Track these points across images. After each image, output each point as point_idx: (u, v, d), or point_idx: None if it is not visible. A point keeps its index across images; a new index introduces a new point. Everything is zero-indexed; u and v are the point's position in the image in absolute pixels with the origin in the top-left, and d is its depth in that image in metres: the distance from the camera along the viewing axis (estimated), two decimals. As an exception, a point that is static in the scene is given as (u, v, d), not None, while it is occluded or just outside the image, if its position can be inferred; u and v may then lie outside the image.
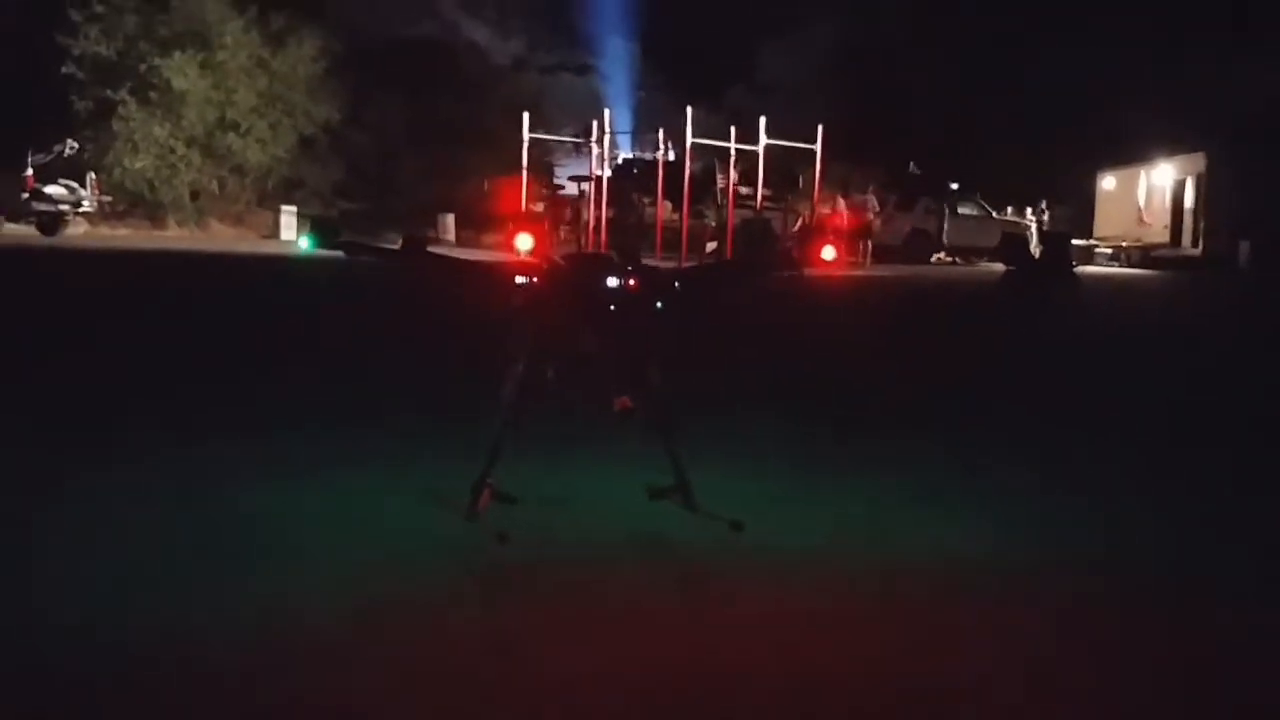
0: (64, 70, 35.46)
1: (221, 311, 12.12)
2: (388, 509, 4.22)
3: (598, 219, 31.46)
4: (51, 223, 30.34)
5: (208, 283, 17.82)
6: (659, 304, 3.97)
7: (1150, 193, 35.67)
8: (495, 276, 3.90)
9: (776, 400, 7.20)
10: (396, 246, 4.20)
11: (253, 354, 8.52)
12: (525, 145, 30.85)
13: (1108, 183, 38.22)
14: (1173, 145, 34.10)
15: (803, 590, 3.57)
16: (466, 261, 4.32)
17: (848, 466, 5.31)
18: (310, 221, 4.07)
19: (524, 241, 3.78)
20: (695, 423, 4.73)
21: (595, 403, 3.91)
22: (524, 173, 30.90)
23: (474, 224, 35.20)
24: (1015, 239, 28.18)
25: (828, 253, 4.02)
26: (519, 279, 3.87)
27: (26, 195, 29.40)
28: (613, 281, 3.88)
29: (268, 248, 29.36)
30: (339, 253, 4.17)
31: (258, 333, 9.85)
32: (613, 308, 3.88)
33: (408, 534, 3.92)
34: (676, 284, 4.02)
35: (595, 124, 31.92)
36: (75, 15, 35.64)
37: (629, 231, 34.59)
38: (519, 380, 3.89)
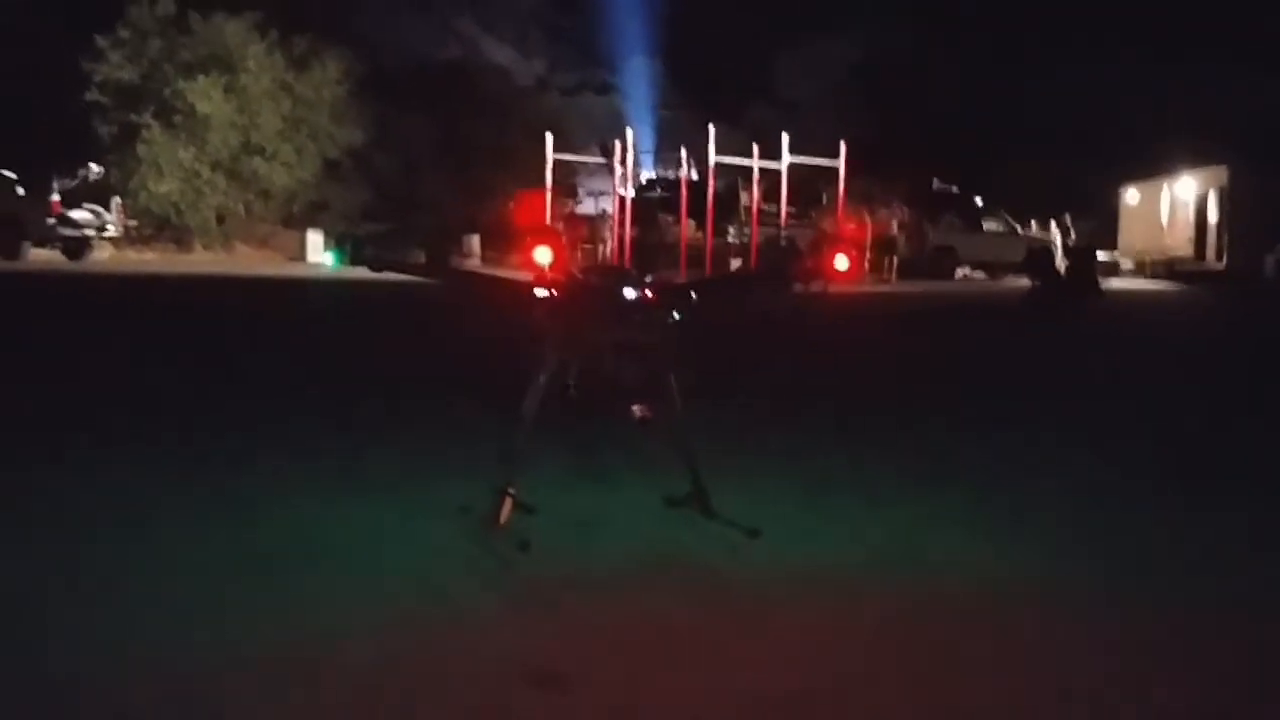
0: (89, 96, 35.72)
1: (246, 331, 12.18)
2: (416, 525, 4.24)
3: (620, 238, 31.53)
4: (77, 247, 30.54)
5: (233, 305, 17.89)
6: (676, 314, 3.97)
7: (1174, 206, 35.53)
8: (515, 290, 3.90)
9: (787, 411, 7.19)
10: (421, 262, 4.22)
11: (277, 372, 8.57)
12: (549, 165, 30.96)
13: (1131, 196, 38.09)
14: (1195, 158, 33.97)
15: (829, 606, 3.58)
16: (488, 276, 4.34)
17: (861, 478, 5.32)
18: (337, 238, 4.09)
19: (543, 255, 3.76)
20: (711, 430, 4.72)
21: (614, 412, 3.90)
22: (548, 191, 31.01)
23: (499, 244, 35.32)
24: (1040, 253, 28.07)
25: (840, 262, 3.98)
26: (538, 292, 3.89)
27: (52, 220, 29.56)
28: (630, 293, 3.89)
29: (294, 270, 29.51)
30: (364, 268, 4.20)
31: (282, 350, 9.90)
32: (631, 318, 3.89)
33: (435, 550, 3.93)
34: (693, 294, 4.03)
35: (618, 143, 32.00)
36: (100, 41, 35.94)
37: (652, 250, 34.71)
38: (540, 392, 3.91)
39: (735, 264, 28.87)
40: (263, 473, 5.04)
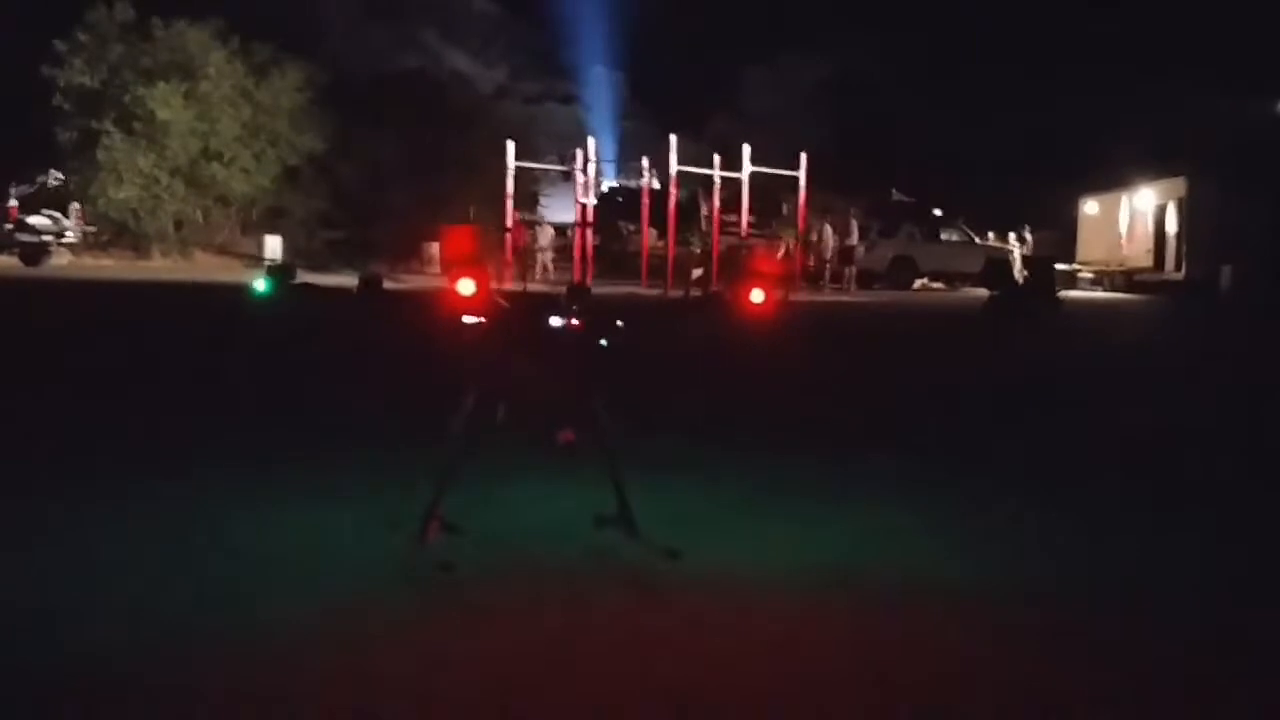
0: (54, 102, 35.40)
1: (185, 340, 12.09)
2: (346, 539, 4.24)
3: (581, 247, 31.50)
4: (35, 253, 30.28)
5: (175, 313, 17.78)
6: (603, 342, 4.03)
7: (1133, 217, 35.84)
8: (445, 313, 3.94)
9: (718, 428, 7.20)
10: (354, 285, 4.25)
11: (213, 386, 8.52)
12: (511, 174, 30.88)
13: (1090, 207, 38.40)
14: (1154, 170, 34.30)
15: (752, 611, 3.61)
16: (420, 299, 4.39)
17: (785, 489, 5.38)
18: (268, 267, 4.16)
19: (466, 286, 3.83)
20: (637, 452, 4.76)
21: (541, 437, 3.96)
22: (509, 200, 30.92)
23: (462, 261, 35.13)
24: (999, 264, 28.25)
25: (756, 295, 4.07)
26: (467, 319, 3.93)
27: (10, 226, 29.33)
28: (556, 321, 3.97)
29: (249, 277, 29.27)
30: (294, 296, 4.26)
31: (219, 364, 9.83)
32: (556, 346, 3.98)
33: (367, 565, 3.94)
34: (619, 323, 4.10)
35: (579, 152, 31.97)
36: (60, 45, 35.63)
37: (615, 259, 34.74)
38: (468, 415, 3.97)
39: (697, 273, 28.85)
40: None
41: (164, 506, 4.61)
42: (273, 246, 33.97)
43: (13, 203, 29.51)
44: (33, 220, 30.11)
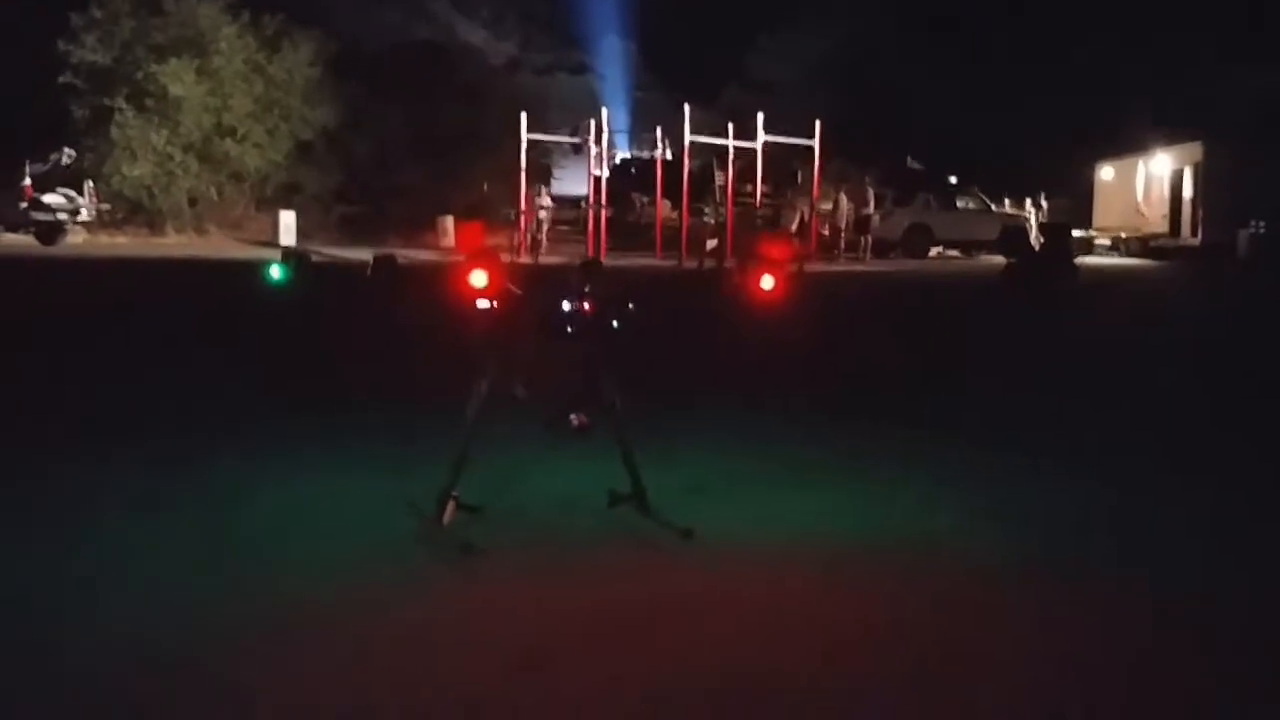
0: (62, 79, 35.39)
1: (201, 319, 12.12)
2: (363, 519, 4.28)
3: (596, 219, 31.48)
4: (50, 232, 30.36)
5: (192, 292, 17.84)
6: (615, 324, 4.05)
7: (1149, 182, 35.66)
8: (459, 300, 3.97)
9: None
10: (369, 264, 4.28)
11: (229, 364, 8.56)
12: (524, 147, 30.85)
13: (1106, 173, 38.22)
14: (1170, 135, 34.08)
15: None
16: (430, 274, 4.42)
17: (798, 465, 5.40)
18: (283, 253, 4.20)
19: (479, 278, 3.87)
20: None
21: (554, 421, 4.00)
22: (522, 174, 30.90)
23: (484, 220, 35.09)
24: (1015, 231, 28.14)
25: (766, 282, 4.10)
26: (480, 303, 3.96)
27: (25, 205, 29.37)
28: (567, 305, 3.99)
29: (265, 253, 29.37)
30: (308, 281, 4.28)
31: (237, 340, 9.88)
32: (569, 330, 4.01)
33: (393, 543, 3.97)
34: (631, 305, 4.12)
35: (592, 123, 31.89)
36: (75, 20, 35.60)
37: (629, 230, 34.65)
38: (482, 399, 4.01)
39: (711, 243, 28.78)
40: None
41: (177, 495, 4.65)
42: (287, 223, 34.03)
43: (27, 181, 29.54)
44: (48, 199, 30.17)
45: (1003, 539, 4.26)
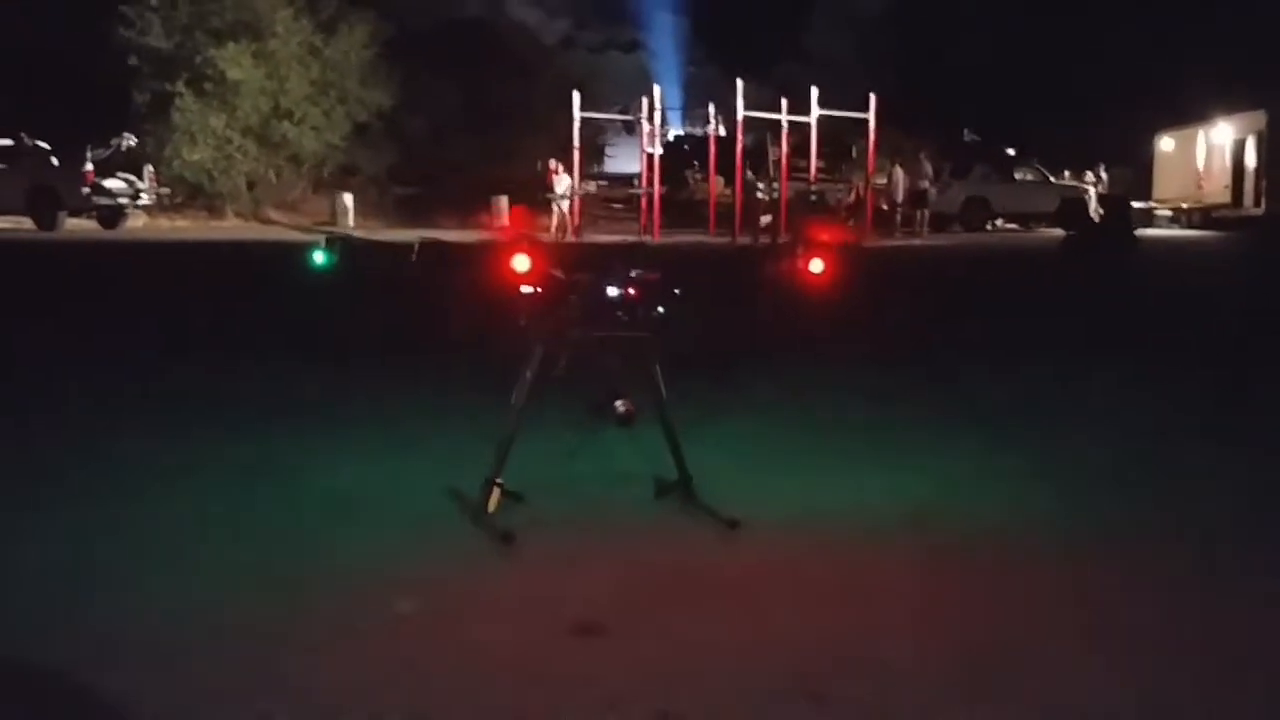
0: (130, 63, 35.84)
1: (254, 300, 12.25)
2: (408, 504, 4.32)
3: (649, 197, 31.47)
4: (112, 216, 30.85)
5: (249, 273, 18.00)
6: (660, 310, 4.02)
7: (1210, 153, 35.08)
8: (502, 286, 3.96)
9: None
10: (414, 247, 4.22)
11: (266, 343, 8.66)
12: (576, 125, 30.87)
13: (1166, 144, 37.65)
14: (1232, 104, 33.48)
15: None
16: (480, 264, 4.36)
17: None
18: (326, 238, 4.16)
19: (521, 262, 3.85)
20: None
21: (600, 407, 3.97)
22: (575, 153, 30.92)
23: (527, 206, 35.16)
24: (1074, 203, 27.84)
25: (815, 265, 4.03)
26: (524, 289, 3.94)
27: (87, 190, 29.79)
28: (613, 291, 3.96)
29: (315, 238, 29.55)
30: (352, 263, 4.27)
31: (279, 322, 9.99)
32: (614, 315, 3.97)
33: (437, 527, 4.03)
34: (677, 291, 4.08)
35: (644, 101, 31.86)
36: (131, 10, 36.03)
37: (681, 207, 34.54)
38: (527, 386, 3.99)
39: (765, 219, 28.72)
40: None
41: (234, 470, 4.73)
42: (347, 205, 34.36)
43: (89, 167, 29.95)
44: (109, 184, 30.59)
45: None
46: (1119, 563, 3.70)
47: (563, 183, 31.01)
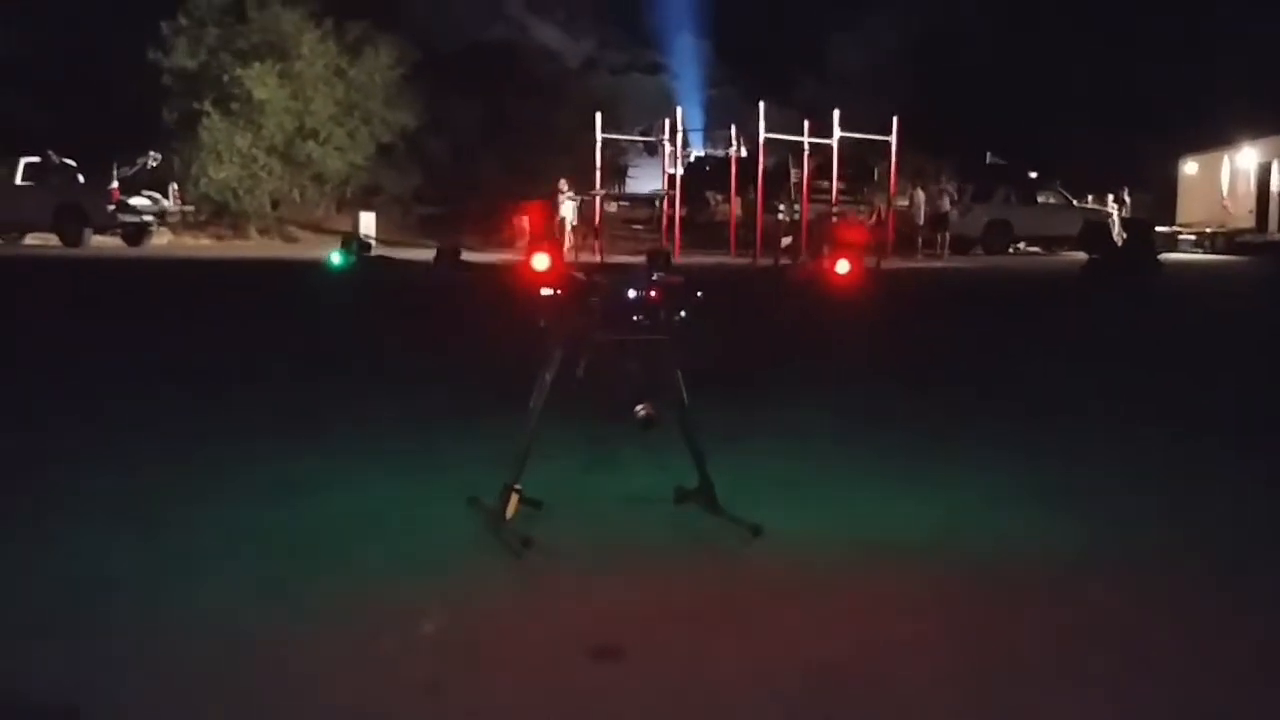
0: (164, 82, 36.20)
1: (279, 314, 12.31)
2: (425, 515, 4.30)
3: (670, 217, 31.52)
4: (137, 233, 31.08)
5: (272, 288, 18.10)
6: (682, 313, 3.99)
7: (1234, 177, 34.95)
8: (521, 287, 3.93)
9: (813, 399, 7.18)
10: (431, 255, 4.21)
11: (284, 356, 8.69)
12: (599, 146, 30.98)
13: (1190, 167, 37.52)
14: (1256, 128, 33.36)
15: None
16: (496, 271, 4.35)
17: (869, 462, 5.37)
18: (343, 238, 4.16)
19: (540, 261, 3.81)
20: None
21: (619, 410, 3.92)
22: (596, 174, 30.99)
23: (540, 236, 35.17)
24: (1097, 226, 27.74)
25: (841, 266, 3.99)
26: (544, 291, 3.91)
27: (112, 207, 30.01)
28: (633, 293, 3.93)
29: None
30: (371, 267, 4.26)
31: (297, 336, 10.04)
32: (635, 318, 3.93)
33: (449, 541, 4.00)
34: (699, 294, 4.05)
35: (666, 122, 31.95)
36: (164, 28, 36.40)
37: (701, 229, 34.56)
38: (546, 390, 3.95)
39: (786, 241, 28.71)
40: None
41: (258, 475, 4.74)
42: (367, 223, 34.54)
43: (114, 184, 30.16)
44: (134, 201, 30.83)
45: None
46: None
47: (566, 206, 30.25)
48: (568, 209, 30.26)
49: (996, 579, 3.65)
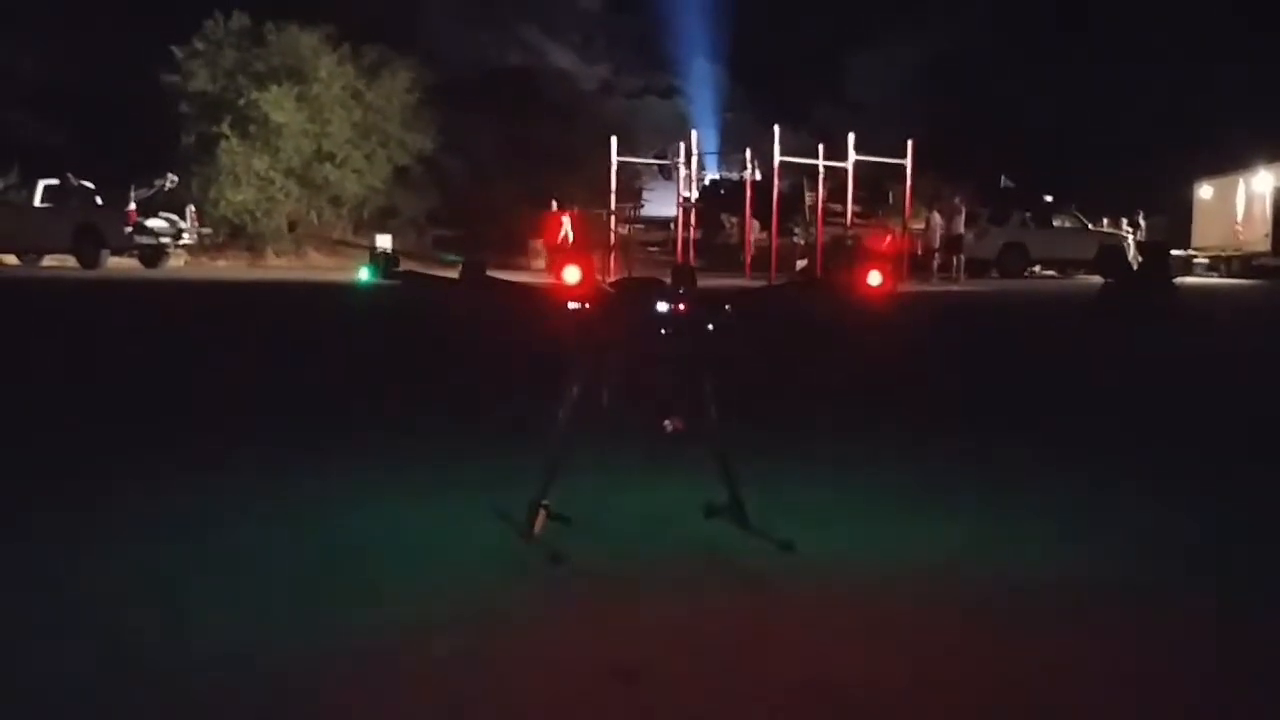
0: (182, 109, 36.49)
1: (296, 336, 12.34)
2: (458, 532, 4.27)
3: (684, 239, 31.59)
4: (154, 255, 31.22)
5: (293, 309, 18.15)
6: (711, 326, 3.97)
7: (1250, 200, 34.88)
8: (550, 301, 3.91)
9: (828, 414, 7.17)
10: (457, 273, 4.19)
11: (315, 379, 8.69)
12: (614, 169, 31.08)
13: (1205, 191, 37.47)
14: (1272, 152, 33.33)
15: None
16: (522, 286, 4.34)
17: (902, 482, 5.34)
18: (370, 254, 4.14)
19: (571, 274, 3.78)
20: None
21: (648, 425, 3.90)
22: (611, 197, 31.10)
23: (564, 249, 35.37)
24: (1112, 250, 27.70)
25: (873, 278, 3.96)
26: (571, 304, 3.89)
27: (129, 229, 30.18)
28: (662, 306, 3.91)
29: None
30: (397, 281, 4.24)
31: (324, 357, 10.04)
32: (663, 331, 3.89)
33: (483, 558, 3.98)
34: (728, 307, 4.03)
35: (681, 145, 32.05)
36: (179, 53, 36.69)
37: (716, 251, 34.62)
38: (573, 404, 3.92)
39: (801, 264, 28.78)
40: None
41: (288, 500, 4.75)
42: (384, 245, 34.67)
43: (131, 206, 30.35)
44: (151, 223, 30.99)
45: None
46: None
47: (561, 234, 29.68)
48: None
49: (1013, 616, 3.63)
